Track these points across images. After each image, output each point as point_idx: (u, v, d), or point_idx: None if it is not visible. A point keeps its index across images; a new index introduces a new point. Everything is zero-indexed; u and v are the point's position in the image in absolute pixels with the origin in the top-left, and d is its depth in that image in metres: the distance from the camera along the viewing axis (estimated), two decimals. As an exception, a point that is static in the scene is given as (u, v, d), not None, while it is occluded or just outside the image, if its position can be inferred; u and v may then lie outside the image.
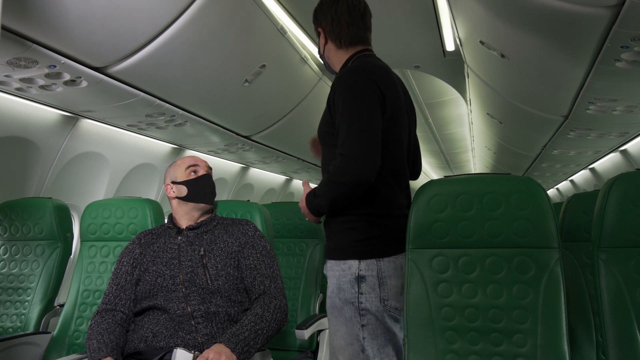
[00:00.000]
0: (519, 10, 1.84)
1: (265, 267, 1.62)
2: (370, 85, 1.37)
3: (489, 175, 1.46)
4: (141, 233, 1.74)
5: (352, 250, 1.42)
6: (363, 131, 1.32)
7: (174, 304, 1.52)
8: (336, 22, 1.50)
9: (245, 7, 2.15)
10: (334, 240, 1.47)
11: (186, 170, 1.69)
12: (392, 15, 2.74)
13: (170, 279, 1.55)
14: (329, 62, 1.59)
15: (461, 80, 3.70)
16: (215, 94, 2.68)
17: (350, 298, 1.40)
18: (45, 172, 2.69)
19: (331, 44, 1.54)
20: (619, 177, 1.36)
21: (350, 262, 1.41)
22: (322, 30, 1.54)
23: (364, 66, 1.43)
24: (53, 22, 1.63)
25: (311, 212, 1.46)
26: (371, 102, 1.36)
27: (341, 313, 1.42)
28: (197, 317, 1.51)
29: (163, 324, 1.51)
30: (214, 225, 1.69)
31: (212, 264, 1.57)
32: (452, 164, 8.60)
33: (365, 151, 1.31)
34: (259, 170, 5.21)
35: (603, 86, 2.21)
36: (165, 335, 1.49)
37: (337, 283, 1.43)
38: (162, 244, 1.66)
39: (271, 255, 1.67)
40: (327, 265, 1.49)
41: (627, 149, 3.78)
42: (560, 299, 1.32)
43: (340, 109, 1.36)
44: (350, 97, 1.36)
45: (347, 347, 1.41)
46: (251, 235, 1.67)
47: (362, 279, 1.40)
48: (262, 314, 1.50)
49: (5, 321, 2.13)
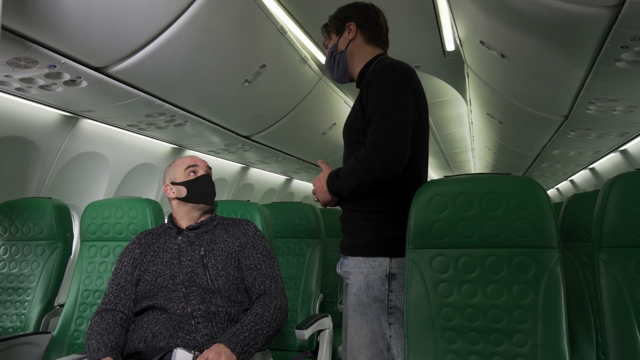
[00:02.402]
0: (519, 10, 1.84)
1: (266, 267, 1.61)
2: (405, 81, 1.42)
3: (489, 175, 1.46)
4: (141, 233, 1.74)
5: (384, 247, 1.43)
6: (396, 122, 1.35)
7: (174, 303, 1.52)
8: (373, 20, 1.58)
9: (245, 7, 2.15)
10: (361, 237, 1.46)
11: (185, 170, 1.69)
12: (392, 15, 2.73)
13: (171, 279, 1.55)
14: (351, 58, 1.59)
15: (461, 80, 3.70)
16: (215, 94, 2.68)
17: (380, 295, 1.41)
18: (45, 172, 2.69)
19: (360, 38, 1.57)
20: (619, 177, 1.36)
21: (381, 260, 1.42)
22: (355, 25, 1.57)
23: (397, 63, 1.47)
24: (53, 22, 1.63)
25: (329, 192, 1.46)
26: (405, 96, 1.40)
27: (368, 310, 1.42)
28: (197, 316, 1.50)
29: (163, 324, 1.51)
30: (215, 225, 1.69)
31: (213, 264, 1.57)
32: (452, 164, 8.59)
33: (396, 141, 1.34)
34: (259, 170, 5.20)
35: (603, 86, 2.21)
36: (165, 335, 1.48)
37: (365, 280, 1.42)
38: (162, 244, 1.66)
39: (271, 255, 1.66)
40: (349, 262, 1.48)
41: (627, 149, 3.78)
42: (560, 299, 1.32)
43: (374, 100, 1.38)
44: (385, 90, 1.39)
45: (371, 346, 1.41)
46: (252, 235, 1.66)
47: (393, 276, 1.41)
48: (262, 313, 1.50)
49: (5, 321, 2.13)
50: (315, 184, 1.51)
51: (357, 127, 1.47)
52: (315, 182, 1.51)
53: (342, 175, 1.42)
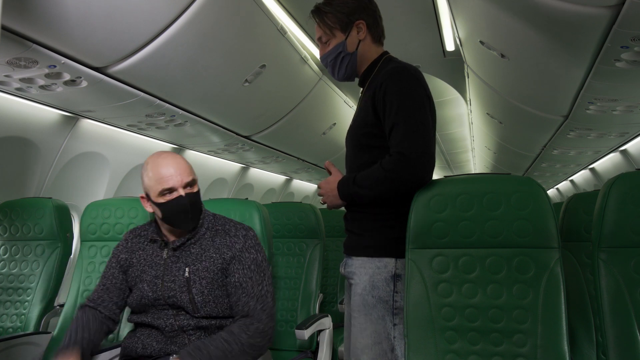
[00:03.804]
0: (519, 10, 1.84)
1: (252, 285, 1.49)
2: (419, 86, 1.41)
3: (489, 175, 1.46)
4: (129, 233, 1.65)
5: (390, 248, 1.42)
6: (422, 131, 1.34)
7: (162, 320, 1.48)
8: (378, 16, 1.55)
9: (245, 7, 2.15)
10: (367, 238, 1.45)
11: (159, 193, 1.47)
12: (392, 15, 2.74)
13: (155, 301, 1.50)
14: (360, 59, 1.53)
15: (461, 80, 3.70)
16: (215, 94, 2.68)
17: (385, 296, 1.40)
18: (45, 172, 2.69)
19: (369, 38, 1.53)
20: (619, 177, 1.36)
21: (387, 260, 1.41)
22: (365, 24, 1.51)
23: (408, 67, 1.44)
24: (53, 22, 1.63)
25: (341, 197, 1.44)
26: (424, 102, 1.39)
27: (372, 311, 1.41)
28: (188, 330, 1.48)
29: (154, 337, 1.50)
30: (202, 233, 1.55)
31: (198, 289, 1.47)
32: (452, 164, 8.59)
33: (427, 151, 1.34)
34: (259, 170, 5.20)
35: (603, 86, 2.21)
36: (155, 349, 1.48)
37: (370, 280, 1.42)
38: (148, 255, 1.57)
39: (262, 268, 1.53)
40: (354, 262, 1.47)
41: (627, 149, 3.78)
42: (560, 299, 1.32)
43: (395, 108, 1.36)
44: (405, 97, 1.37)
45: (375, 346, 1.40)
46: (239, 247, 1.51)
47: (398, 277, 1.41)
48: (238, 333, 1.42)
49: (5, 321, 2.13)
50: (322, 186, 1.49)
51: (366, 131, 1.45)
52: (323, 184, 1.49)
53: (361, 183, 1.39)
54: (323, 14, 1.53)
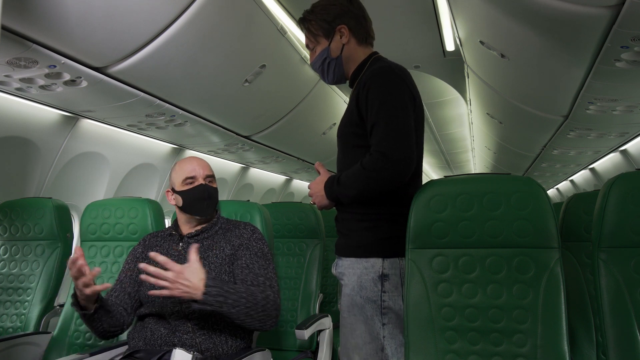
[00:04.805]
0: (519, 10, 1.84)
1: (259, 267, 1.58)
2: (403, 86, 1.40)
3: (489, 175, 1.46)
4: (148, 235, 1.78)
5: (376, 248, 1.42)
6: (402, 131, 1.34)
7: (169, 308, 1.54)
8: (361, 17, 1.53)
9: (245, 7, 2.15)
10: (354, 238, 1.45)
11: (183, 181, 1.66)
12: (392, 15, 2.74)
13: None
14: (346, 62, 1.53)
15: (461, 80, 3.70)
16: (215, 94, 2.68)
17: (373, 296, 1.40)
18: (45, 172, 2.69)
19: (354, 41, 1.53)
20: (619, 177, 1.36)
21: (374, 260, 1.41)
22: (347, 28, 1.51)
23: (393, 67, 1.44)
24: (53, 22, 1.63)
25: (327, 197, 1.45)
26: (406, 103, 1.38)
27: (361, 311, 1.41)
28: (194, 319, 1.52)
29: (162, 324, 1.54)
30: (215, 230, 1.68)
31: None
32: (452, 164, 8.59)
33: (405, 151, 1.33)
34: (259, 170, 5.20)
35: (603, 86, 2.21)
36: (163, 334, 1.51)
37: (358, 281, 1.42)
38: (164, 250, 1.67)
39: (267, 257, 1.63)
40: (343, 262, 1.47)
41: (627, 149, 3.78)
42: (560, 299, 1.32)
43: (376, 107, 1.36)
44: (387, 97, 1.37)
45: (365, 346, 1.41)
46: (247, 237, 1.64)
47: (386, 277, 1.41)
48: (254, 292, 1.48)
49: (5, 321, 2.13)
50: (311, 187, 1.49)
51: (352, 130, 1.45)
52: (312, 185, 1.49)
53: (344, 182, 1.40)
54: (307, 22, 1.55)
